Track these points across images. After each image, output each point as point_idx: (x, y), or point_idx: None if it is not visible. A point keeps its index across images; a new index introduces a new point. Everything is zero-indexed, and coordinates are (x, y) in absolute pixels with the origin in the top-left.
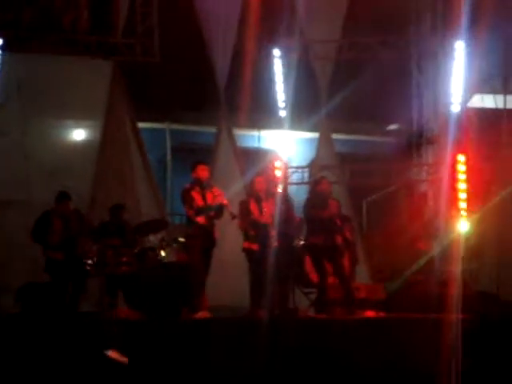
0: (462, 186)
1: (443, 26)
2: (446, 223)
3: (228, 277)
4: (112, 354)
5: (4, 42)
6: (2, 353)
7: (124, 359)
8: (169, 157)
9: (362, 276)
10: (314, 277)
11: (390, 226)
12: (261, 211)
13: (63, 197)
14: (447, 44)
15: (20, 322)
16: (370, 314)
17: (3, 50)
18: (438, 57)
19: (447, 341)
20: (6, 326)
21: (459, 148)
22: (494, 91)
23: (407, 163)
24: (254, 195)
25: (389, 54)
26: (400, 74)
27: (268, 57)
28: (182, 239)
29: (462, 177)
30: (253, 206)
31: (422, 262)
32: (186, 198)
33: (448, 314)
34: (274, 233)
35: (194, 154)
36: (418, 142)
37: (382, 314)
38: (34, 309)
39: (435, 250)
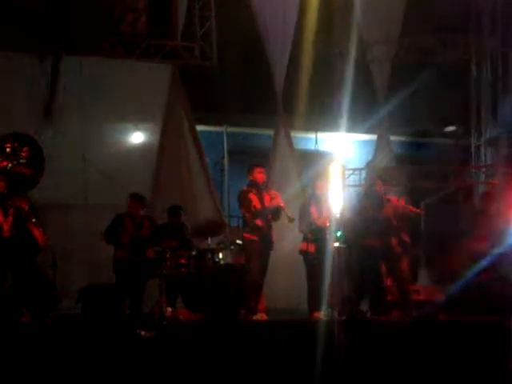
0: None
1: (503, 26)
2: (507, 224)
3: (285, 279)
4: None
5: (65, 45)
6: (63, 354)
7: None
8: (226, 159)
9: (423, 278)
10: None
11: (450, 228)
12: (321, 214)
13: (133, 197)
14: (506, 45)
15: (81, 323)
16: (440, 316)
17: (63, 52)
18: (497, 58)
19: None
20: (67, 327)
21: None
22: None
23: (466, 165)
24: (315, 199)
25: (447, 55)
26: (458, 75)
27: (325, 59)
28: (239, 242)
29: None
30: (313, 209)
31: (483, 263)
32: (244, 200)
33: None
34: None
35: (251, 157)
36: (476, 144)
37: (442, 317)
38: (94, 310)
39: (496, 251)
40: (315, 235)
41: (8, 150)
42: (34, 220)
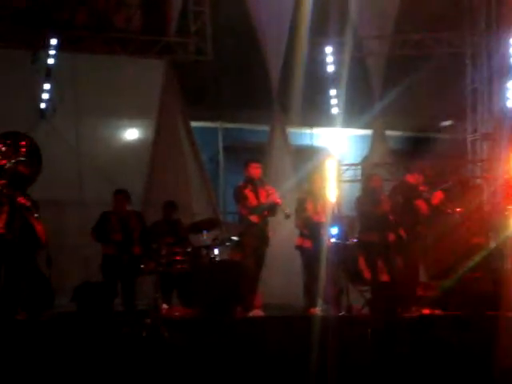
0: None
1: (498, 21)
2: (502, 220)
3: (281, 275)
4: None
5: (58, 41)
6: (58, 351)
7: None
8: (221, 155)
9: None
10: (367, 275)
11: (445, 223)
12: (316, 210)
13: (117, 193)
14: (502, 40)
15: (76, 320)
16: (424, 311)
17: (57, 50)
18: (492, 53)
19: (504, 339)
20: (62, 325)
21: None
22: None
23: (462, 160)
24: (311, 194)
25: (443, 50)
26: (454, 70)
27: (320, 54)
28: (235, 238)
29: None
30: (309, 205)
31: (477, 258)
32: (239, 196)
33: (504, 312)
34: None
35: (247, 153)
36: (472, 139)
37: (437, 312)
38: (89, 308)
39: (491, 246)
40: (311, 231)
41: (4, 148)
42: (36, 215)
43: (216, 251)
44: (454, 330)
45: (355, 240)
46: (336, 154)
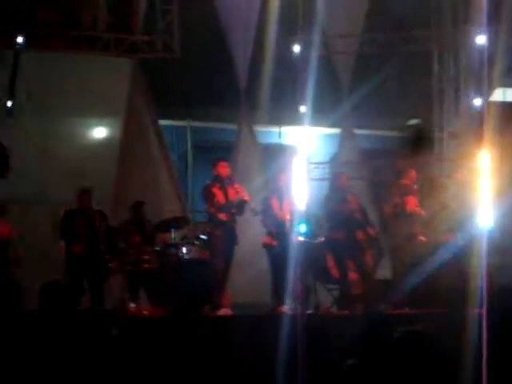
0: (484, 180)
1: (464, 20)
2: (470, 217)
3: (249, 274)
4: None
5: (24, 39)
6: (22, 349)
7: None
8: (190, 154)
9: (386, 272)
10: (335, 273)
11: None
12: (282, 207)
13: (85, 193)
14: (468, 38)
15: (40, 318)
16: (392, 309)
17: (24, 48)
18: (459, 51)
19: (471, 336)
20: (26, 323)
21: (481, 142)
22: None
23: (429, 158)
24: (277, 192)
25: (410, 48)
26: (421, 68)
27: (288, 52)
28: (203, 236)
29: (484, 171)
30: (274, 203)
31: (445, 256)
32: (208, 194)
33: (472, 308)
34: (289, 229)
35: (215, 151)
36: (439, 137)
37: (405, 310)
38: (54, 306)
39: (459, 244)
40: (278, 229)
41: None
42: None
43: (184, 250)
44: (423, 327)
45: (323, 239)
46: (304, 152)
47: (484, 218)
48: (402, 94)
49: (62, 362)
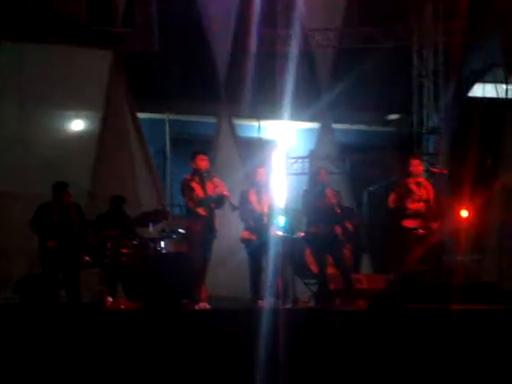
0: (462, 175)
1: (444, 15)
2: (448, 213)
3: (227, 268)
4: None
5: (3, 30)
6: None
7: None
8: (168, 147)
9: (365, 267)
10: (314, 267)
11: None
12: (260, 201)
13: (61, 186)
14: (448, 33)
15: (17, 312)
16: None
17: (2, 39)
18: (438, 46)
19: (449, 332)
20: (3, 317)
21: (460, 138)
22: (495, 80)
23: (408, 153)
24: (255, 186)
25: (390, 43)
26: (401, 63)
27: (268, 46)
28: (182, 230)
29: (462, 166)
30: (252, 197)
31: (425, 251)
32: (186, 188)
33: (452, 304)
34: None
35: (194, 145)
36: (418, 132)
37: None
38: (31, 300)
39: (438, 239)
40: (256, 223)
41: None
42: None
43: (162, 243)
44: (400, 323)
45: (302, 234)
46: (283, 146)
47: (462, 213)
48: (381, 89)
49: (40, 355)
